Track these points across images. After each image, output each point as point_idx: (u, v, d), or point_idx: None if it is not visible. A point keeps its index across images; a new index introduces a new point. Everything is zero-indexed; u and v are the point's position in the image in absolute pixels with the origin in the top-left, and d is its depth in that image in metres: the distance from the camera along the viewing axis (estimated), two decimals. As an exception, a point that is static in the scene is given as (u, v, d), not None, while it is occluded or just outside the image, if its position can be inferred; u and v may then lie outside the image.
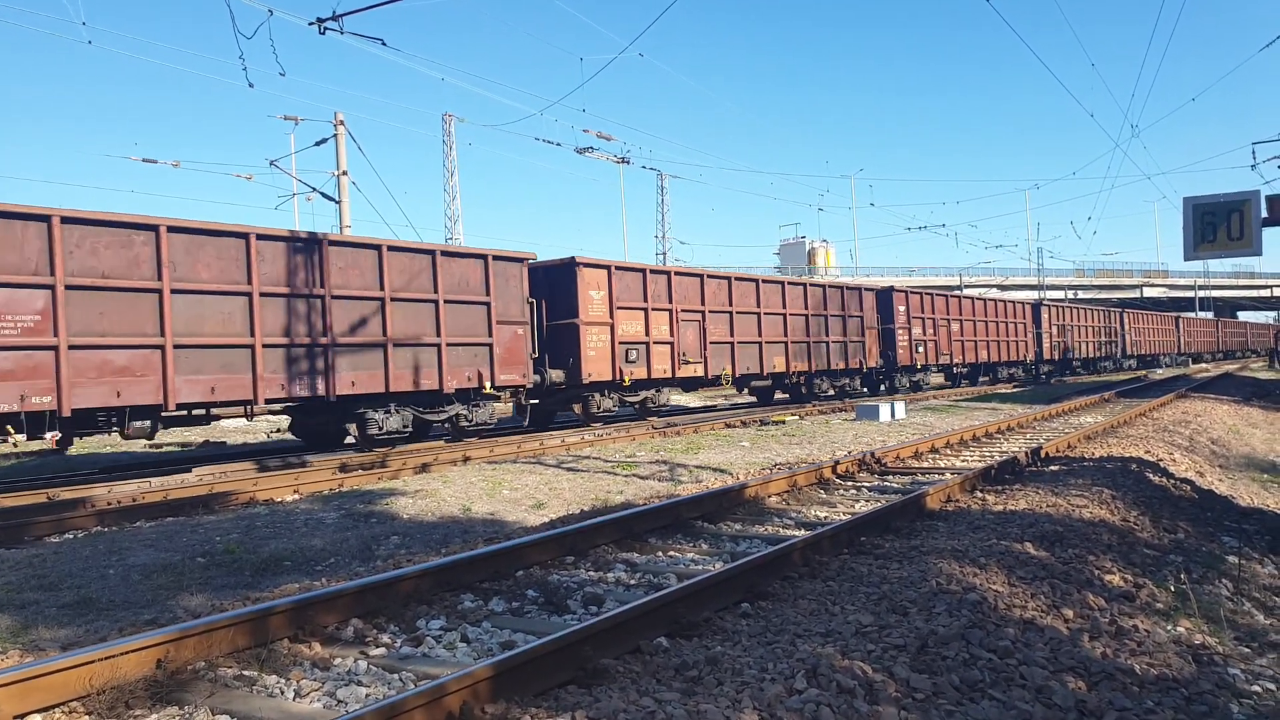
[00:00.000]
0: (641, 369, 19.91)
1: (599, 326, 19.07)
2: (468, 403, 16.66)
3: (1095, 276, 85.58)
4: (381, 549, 7.87)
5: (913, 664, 4.18)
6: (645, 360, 20.03)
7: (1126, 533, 7.44)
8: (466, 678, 3.65)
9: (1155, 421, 17.46)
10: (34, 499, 10.98)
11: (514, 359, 17.18)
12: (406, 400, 15.59)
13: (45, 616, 5.97)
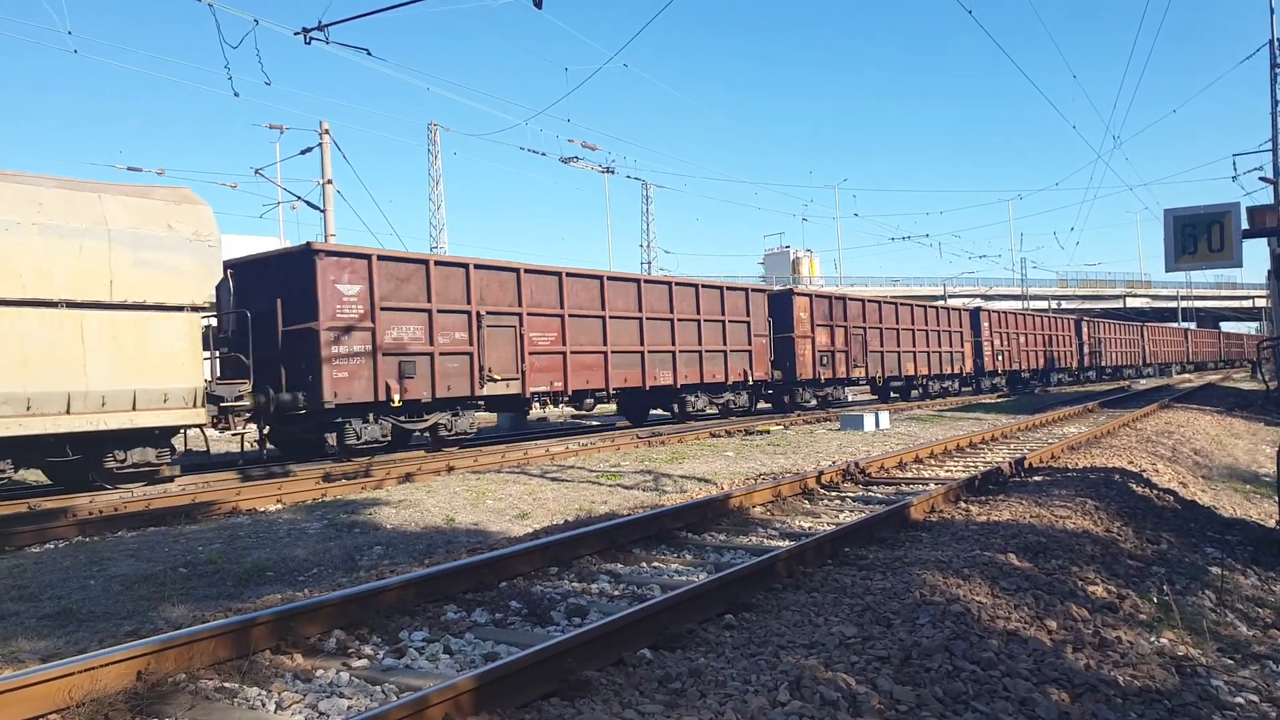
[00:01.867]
0: (829, 371, 27.38)
1: (804, 339, 26.35)
2: (737, 390, 24.33)
3: (1078, 287, 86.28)
4: (365, 559, 7.83)
5: (896, 676, 4.19)
6: (832, 365, 27.52)
7: (1110, 543, 7.48)
8: (449, 689, 3.63)
9: (1138, 432, 17.58)
10: (15, 509, 10.87)
11: (762, 361, 24.88)
12: (704, 389, 23.31)
13: (25, 627, 5.90)
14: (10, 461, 11.46)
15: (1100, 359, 51.98)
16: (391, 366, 15.44)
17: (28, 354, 10.98)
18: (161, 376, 12.15)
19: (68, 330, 11.35)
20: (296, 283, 14.70)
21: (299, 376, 14.63)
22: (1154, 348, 63.47)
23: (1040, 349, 43.84)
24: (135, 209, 12.17)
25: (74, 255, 11.45)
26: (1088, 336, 49.88)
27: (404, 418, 15.95)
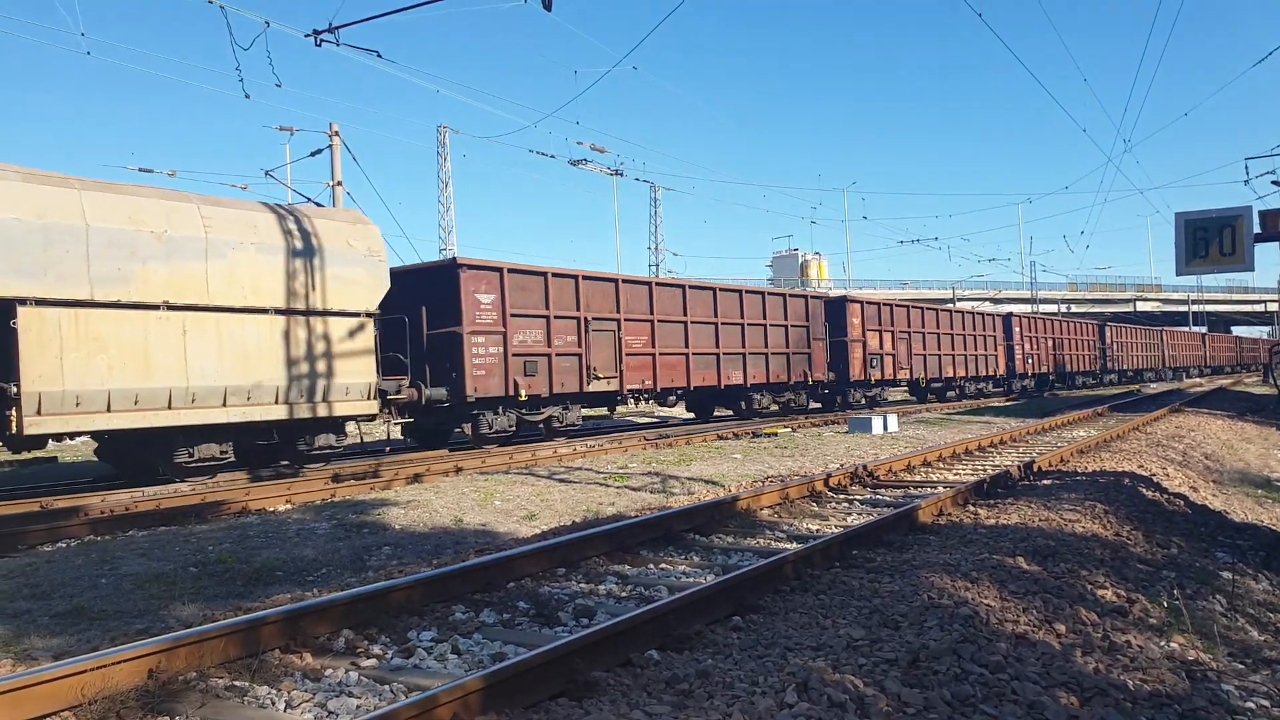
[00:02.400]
0: (877, 373, 29.42)
1: (856, 343, 28.12)
2: (797, 390, 26.16)
3: (1088, 290, 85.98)
4: (373, 559, 7.86)
5: (904, 678, 4.19)
6: (881, 367, 29.55)
7: (1119, 547, 7.46)
8: (457, 689, 3.64)
9: (1148, 436, 17.51)
10: (27, 507, 10.94)
11: (820, 363, 26.86)
12: (769, 389, 24.95)
13: (38, 625, 5.94)
14: (231, 444, 13.50)
15: (1121, 363, 53.56)
16: (518, 365, 17.55)
17: (249, 354, 13.18)
18: (346, 373, 14.37)
19: (277, 334, 13.52)
20: (441, 292, 16.68)
21: (443, 374, 16.61)
22: (1172, 351, 65.06)
23: (1067, 353, 45.34)
24: (325, 230, 14.40)
25: (280, 270, 13.62)
26: (1110, 341, 51.57)
27: (525, 410, 18.13)
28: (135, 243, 12.19)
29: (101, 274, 11.85)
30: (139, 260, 12.19)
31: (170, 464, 12.94)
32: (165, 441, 12.76)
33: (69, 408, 11.47)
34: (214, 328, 12.87)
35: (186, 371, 12.57)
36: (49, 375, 11.33)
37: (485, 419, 17.10)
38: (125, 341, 12.01)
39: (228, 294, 13.01)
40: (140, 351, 12.16)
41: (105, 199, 12.20)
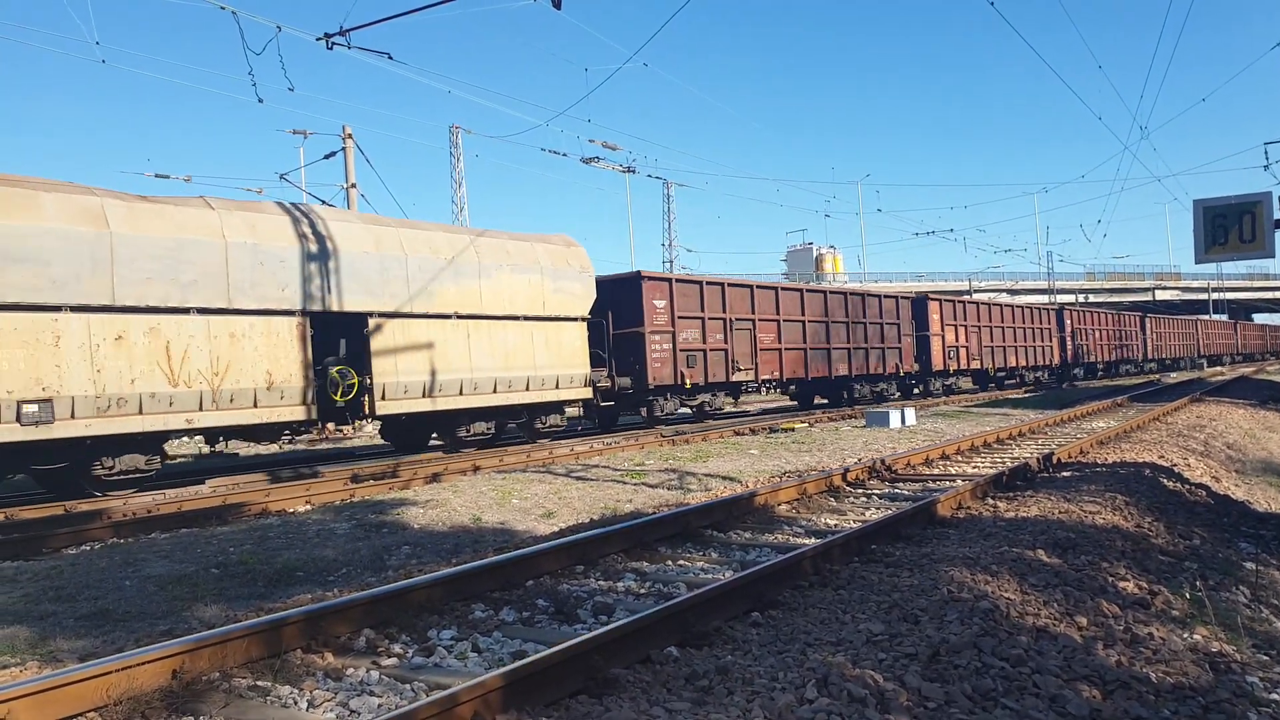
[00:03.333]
0: (954, 364, 33.06)
1: (937, 337, 32.04)
2: (889, 381, 29.75)
3: (1106, 280, 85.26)
4: (393, 559, 7.90)
5: (924, 673, 4.18)
6: (958, 358, 33.30)
7: (1140, 539, 7.40)
8: (478, 687, 3.66)
9: (1169, 426, 17.37)
10: (52, 511, 11.06)
11: (909, 356, 30.62)
12: (866, 380, 28.43)
13: (63, 627, 6.01)
14: (493, 424, 17.57)
15: (1161, 351, 57.57)
16: (684, 359, 21.39)
17: (507, 352, 17.33)
18: (570, 366, 18.53)
19: (525, 335, 17.66)
20: (626, 299, 20.50)
21: (627, 366, 20.49)
22: (1207, 340, 69.12)
23: (1111, 343, 49.02)
24: (551, 252, 18.69)
25: (528, 286, 17.85)
26: (1150, 331, 55.67)
27: (685, 397, 22.16)
28: (435, 268, 16.20)
29: (417, 293, 15.76)
30: (438, 281, 16.20)
31: (454, 439, 17.00)
32: (450, 421, 16.90)
33: (400, 394, 15.43)
34: (485, 332, 16.94)
35: (470, 366, 16.63)
36: (387, 370, 15.24)
37: (659, 403, 21.28)
38: (434, 344, 16.04)
39: (493, 305, 17.11)
40: (441, 351, 16.14)
41: (415, 235, 16.27)
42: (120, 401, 12.14)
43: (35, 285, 11.50)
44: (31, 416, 11.25)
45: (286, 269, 14.04)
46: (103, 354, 12.06)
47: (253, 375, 13.57)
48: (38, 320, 11.52)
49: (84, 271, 11.96)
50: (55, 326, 11.68)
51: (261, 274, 13.78)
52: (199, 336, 13.04)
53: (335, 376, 14.57)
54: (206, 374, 13.08)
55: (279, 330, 13.92)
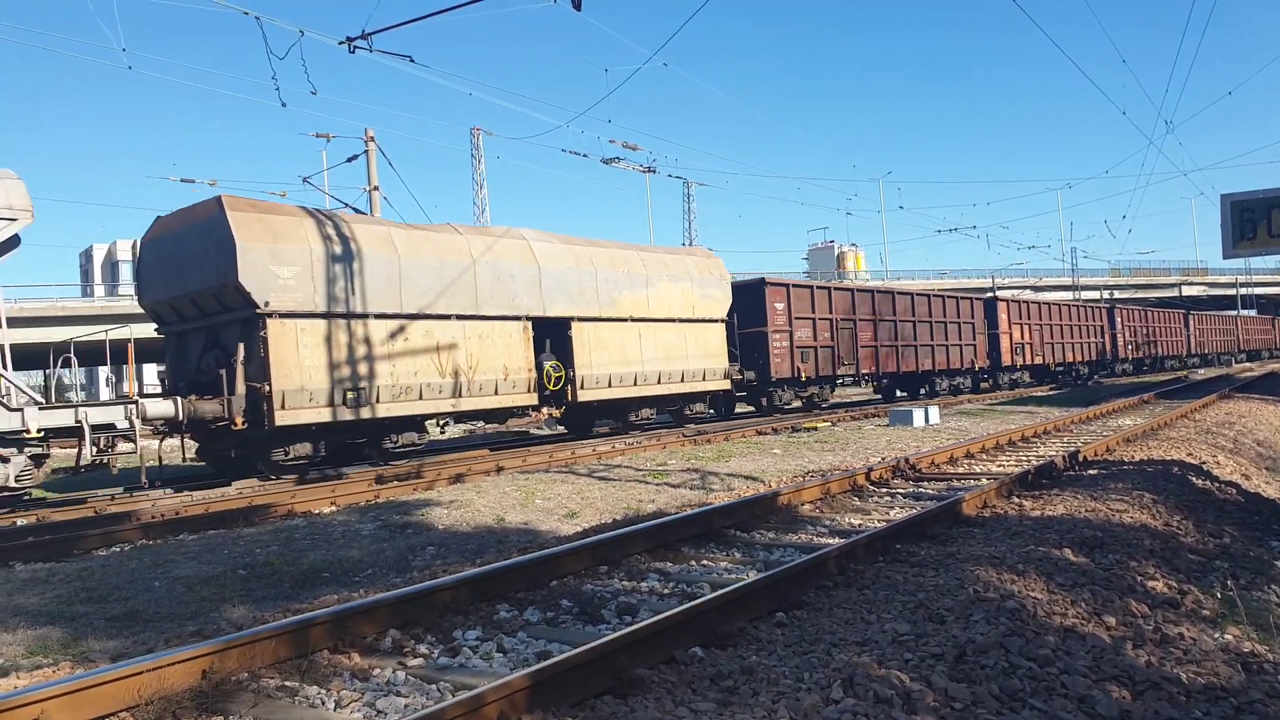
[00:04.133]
0: (1021, 359, 35.91)
1: (1005, 335, 34.68)
2: (964, 375, 32.65)
3: (1132, 276, 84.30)
4: (418, 560, 7.95)
5: (951, 673, 4.15)
6: (1023, 354, 36.20)
7: (1169, 538, 7.32)
8: (504, 687, 3.67)
9: (1197, 423, 17.16)
10: (82, 513, 11.21)
11: (981, 353, 33.26)
12: (948, 374, 31.55)
13: (94, 628, 6.09)
14: (654, 411, 21.13)
15: (1203, 347, 60.66)
16: (799, 355, 24.32)
17: (667, 349, 20.63)
18: (713, 360, 21.93)
19: (680, 335, 20.97)
20: (750, 303, 23.48)
21: (752, 361, 23.45)
22: (1246, 336, 72.44)
23: (1157, 339, 51.90)
24: (698, 263, 22.42)
25: (681, 293, 21.28)
26: (1194, 328, 58.78)
27: (799, 389, 25.05)
28: (616, 280, 19.57)
29: (603, 301, 19.22)
30: (618, 291, 19.60)
31: (625, 422, 20.56)
32: (625, 408, 20.33)
33: (594, 385, 18.83)
34: (652, 332, 20.28)
35: (641, 361, 19.97)
36: (584, 364, 18.55)
37: (777, 394, 24.35)
38: (615, 343, 19.36)
39: (657, 310, 20.46)
40: (621, 349, 19.52)
41: (598, 252, 19.68)
42: (407, 390, 15.28)
43: (353, 298, 14.69)
44: (353, 400, 14.48)
45: (515, 282, 17.43)
46: (397, 352, 15.25)
47: (494, 368, 16.87)
48: (357, 327, 14.66)
49: (383, 286, 15.09)
50: (365, 330, 14.81)
51: (498, 287, 17.09)
52: (458, 338, 16.25)
53: (549, 370, 17.99)
54: (464, 367, 16.31)
55: (511, 332, 17.28)
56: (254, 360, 13.64)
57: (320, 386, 14.05)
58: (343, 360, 14.37)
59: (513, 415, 18.46)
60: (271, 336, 13.59)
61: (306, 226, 14.44)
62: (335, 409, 14.15)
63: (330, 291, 14.34)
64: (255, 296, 13.46)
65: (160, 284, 15.00)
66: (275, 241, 13.84)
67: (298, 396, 13.75)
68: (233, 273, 13.36)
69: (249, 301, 13.51)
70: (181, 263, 14.38)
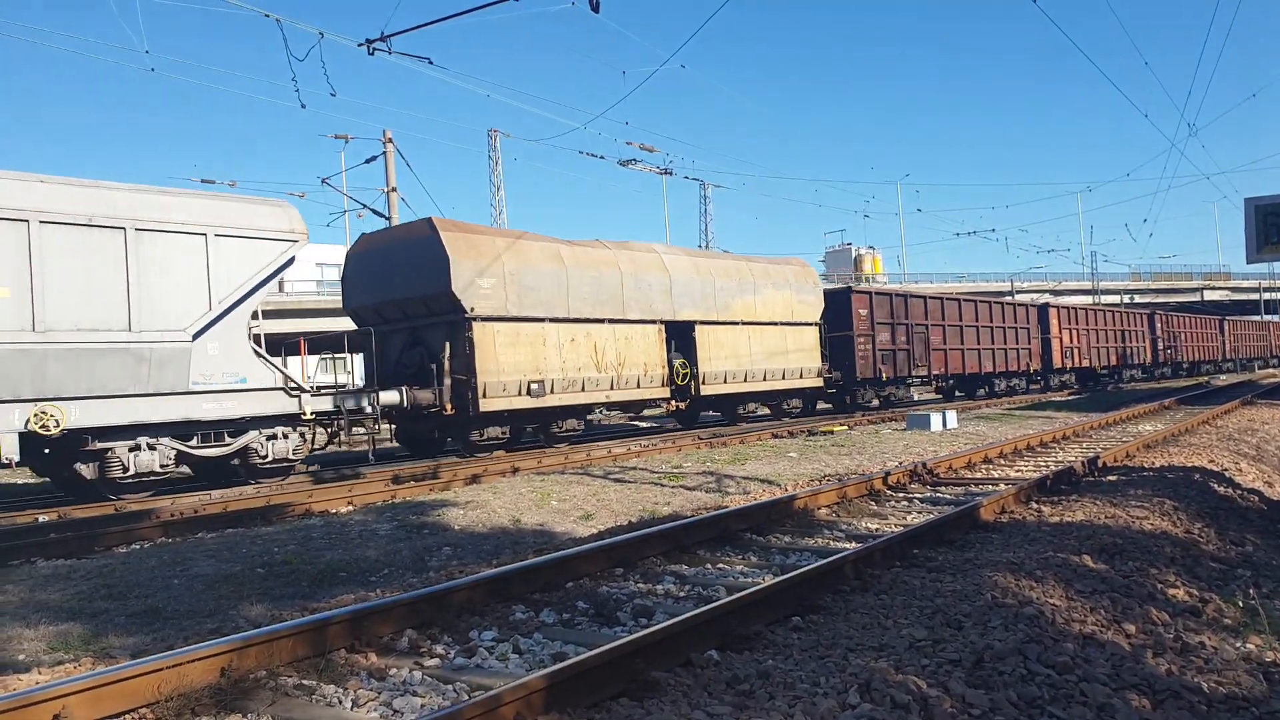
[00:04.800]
0: (1071, 362, 38.45)
1: (1055, 339, 37.04)
2: (1020, 377, 35.09)
3: (1152, 280, 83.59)
4: (434, 560, 7.97)
5: (968, 679, 4.13)
6: (1073, 357, 38.61)
7: (1190, 545, 7.26)
8: (520, 688, 3.68)
9: (1219, 429, 17.00)
10: (103, 510, 11.31)
11: (1036, 356, 35.88)
12: (1006, 376, 33.91)
13: (115, 625, 6.15)
14: (761, 404, 24.46)
15: (1238, 352, 63.40)
16: (880, 357, 26.85)
17: (772, 350, 23.44)
18: (808, 360, 24.63)
19: (781, 337, 23.75)
20: (837, 308, 25.99)
21: (838, 363, 25.69)
22: (1277, 341, 75.27)
23: (1195, 344, 54.50)
24: (795, 272, 25.01)
25: (783, 299, 24.10)
26: (1229, 334, 61.44)
27: (878, 389, 27.59)
28: (729, 287, 22.49)
29: (719, 306, 22.08)
30: (730, 297, 22.48)
31: (734, 415, 23.48)
32: (735, 401, 23.29)
33: (714, 381, 21.79)
34: (759, 334, 23.11)
35: (750, 360, 22.83)
36: (706, 362, 21.57)
37: (860, 393, 26.86)
38: (729, 344, 22.21)
39: (763, 314, 23.27)
40: (734, 349, 22.30)
41: (714, 262, 23.04)
42: (573, 383, 18.25)
43: (534, 305, 17.57)
44: (534, 391, 17.34)
45: (651, 290, 20.31)
46: (566, 351, 18.18)
47: (637, 365, 19.75)
48: (536, 329, 17.68)
49: (554, 295, 17.99)
50: (542, 332, 17.73)
51: (639, 294, 20.01)
52: (609, 338, 19.11)
53: (678, 367, 20.89)
54: (614, 364, 19.16)
55: (649, 334, 20.19)
56: (458, 357, 16.56)
57: (511, 379, 17.07)
58: (526, 357, 17.43)
59: (649, 406, 21.94)
60: (476, 337, 16.56)
61: (499, 243, 17.49)
62: (521, 398, 17.17)
63: (517, 299, 17.34)
64: (464, 303, 16.42)
65: (366, 290, 17.99)
66: (478, 257, 16.79)
67: (495, 387, 16.79)
68: (446, 283, 16.28)
69: (458, 307, 16.43)
70: (389, 273, 17.30)
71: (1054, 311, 37.45)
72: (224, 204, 13.81)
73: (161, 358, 12.70)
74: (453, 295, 16.32)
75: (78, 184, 12.42)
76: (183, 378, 12.90)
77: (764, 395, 23.99)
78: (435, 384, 16.26)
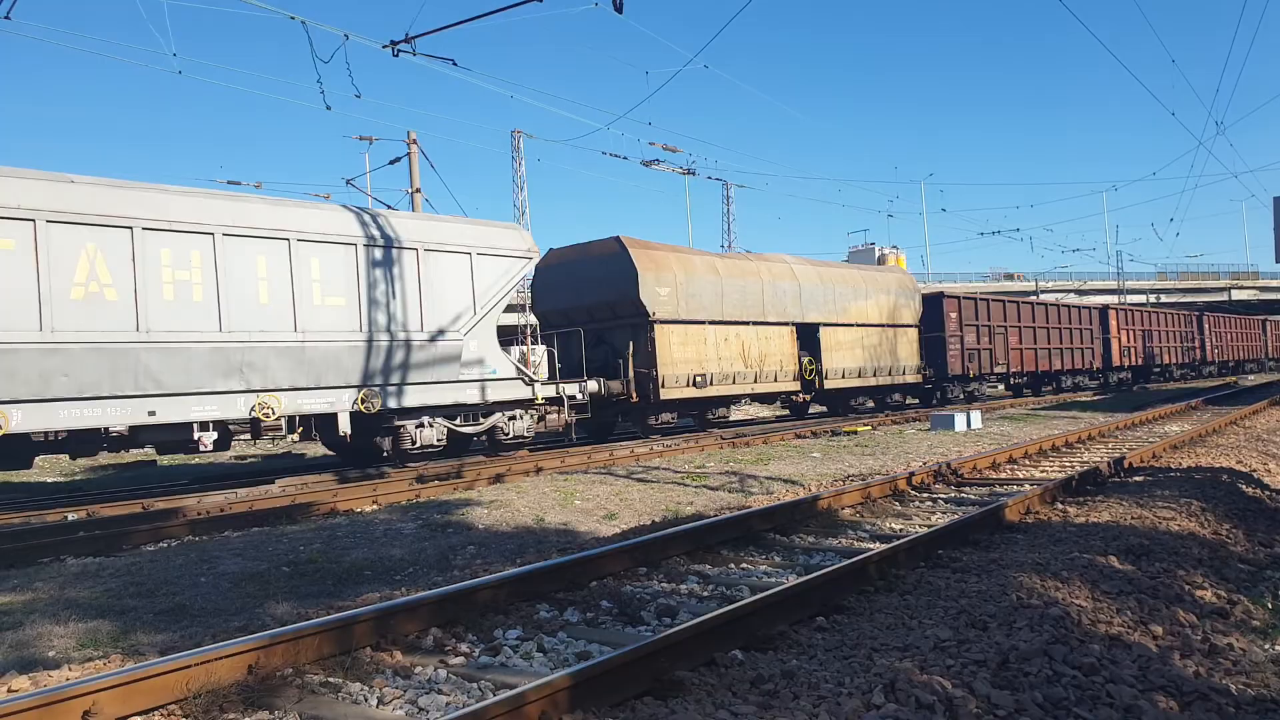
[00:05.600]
0: (1129, 360, 41.45)
1: (1115, 339, 39.75)
2: (1085, 374, 37.82)
3: (1179, 280, 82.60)
4: (458, 559, 8.02)
5: (994, 680, 4.11)
6: (1129, 356, 41.43)
7: (1218, 546, 7.18)
8: (545, 687, 3.70)
9: (1247, 430, 16.78)
10: (131, 509, 11.45)
11: (1098, 355, 38.53)
12: (1071, 373, 36.74)
13: (143, 622, 6.23)
14: (866, 398, 27.10)
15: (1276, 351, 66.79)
16: (967, 356, 29.58)
17: (878, 349, 26.40)
18: (908, 359, 27.64)
19: (886, 337, 26.70)
20: (931, 311, 28.71)
21: (931, 361, 28.53)
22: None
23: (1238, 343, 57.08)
24: (898, 279, 28.46)
25: (889, 304, 27.08)
26: (1270, 333, 64.74)
27: (964, 385, 30.04)
28: (845, 293, 25.40)
29: (838, 310, 25.02)
30: (845, 301, 25.41)
31: (847, 407, 26.43)
32: (850, 395, 26.51)
33: (835, 376, 24.64)
34: (869, 335, 25.97)
35: (861, 358, 25.51)
36: (829, 359, 24.46)
37: (949, 389, 29.43)
38: (846, 343, 25.12)
39: (872, 317, 26.24)
40: (850, 348, 25.24)
41: (831, 271, 25.87)
42: (726, 376, 21.32)
43: (697, 310, 20.70)
44: (698, 383, 20.53)
45: (785, 296, 23.36)
46: (720, 348, 21.19)
47: (774, 362, 22.77)
48: (699, 330, 20.75)
49: (712, 301, 21.10)
50: (704, 332, 20.80)
51: (775, 300, 23.07)
52: (753, 338, 22.19)
53: (806, 364, 23.69)
54: (756, 360, 22.21)
55: (784, 334, 23.25)
56: (641, 353, 19.63)
57: (682, 373, 20.13)
58: (692, 354, 20.51)
59: (782, 398, 24.43)
60: (657, 337, 19.64)
61: (670, 257, 20.69)
62: (689, 389, 20.31)
63: (685, 304, 20.42)
64: (647, 308, 19.53)
65: (555, 297, 21.34)
66: (657, 269, 19.92)
67: (670, 379, 19.82)
68: (635, 291, 19.37)
69: (642, 312, 19.54)
70: (578, 283, 20.38)
71: (1113, 314, 40.40)
72: (481, 228, 16.72)
73: (444, 353, 15.63)
74: (639, 301, 19.43)
75: (382, 214, 15.64)
76: (455, 369, 15.77)
77: (873, 390, 26.88)
78: (622, 376, 19.31)
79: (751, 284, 22.37)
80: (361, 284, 14.57)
